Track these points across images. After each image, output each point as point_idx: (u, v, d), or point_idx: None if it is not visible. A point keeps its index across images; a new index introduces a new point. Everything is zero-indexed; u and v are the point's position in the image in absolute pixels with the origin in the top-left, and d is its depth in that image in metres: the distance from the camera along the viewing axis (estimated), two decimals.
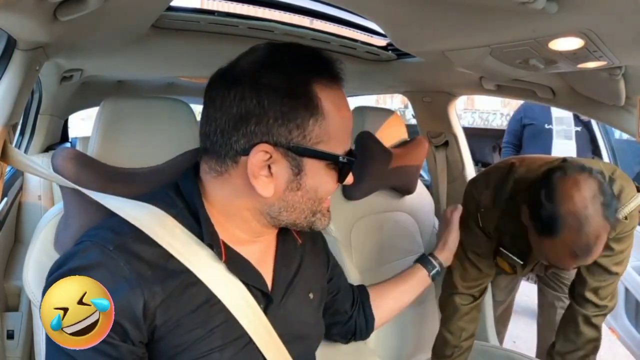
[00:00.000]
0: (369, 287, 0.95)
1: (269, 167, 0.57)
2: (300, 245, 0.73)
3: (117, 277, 0.54)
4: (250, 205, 0.61)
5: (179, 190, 0.63)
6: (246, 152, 0.56)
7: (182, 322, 0.57)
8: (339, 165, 0.61)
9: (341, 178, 0.62)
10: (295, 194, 0.59)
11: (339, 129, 0.59)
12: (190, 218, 0.61)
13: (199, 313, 0.58)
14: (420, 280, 1.01)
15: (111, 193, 0.67)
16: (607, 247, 0.98)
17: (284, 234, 0.70)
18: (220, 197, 0.62)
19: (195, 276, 0.58)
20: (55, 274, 0.55)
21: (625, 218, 0.98)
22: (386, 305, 0.95)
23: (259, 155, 0.56)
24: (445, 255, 1.04)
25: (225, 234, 0.62)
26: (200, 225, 0.60)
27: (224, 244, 0.61)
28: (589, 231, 0.82)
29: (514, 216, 1.00)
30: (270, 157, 0.56)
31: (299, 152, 0.57)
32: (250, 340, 0.61)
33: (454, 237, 1.05)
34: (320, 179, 0.60)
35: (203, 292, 0.59)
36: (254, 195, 0.59)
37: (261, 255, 0.67)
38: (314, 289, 0.73)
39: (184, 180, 0.64)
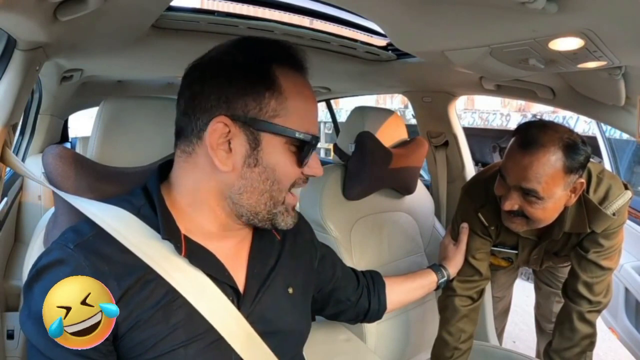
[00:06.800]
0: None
1: (229, 143, 0.58)
2: (279, 241, 0.73)
3: (78, 272, 0.55)
4: (214, 188, 0.61)
5: (146, 187, 0.65)
6: (206, 126, 0.58)
7: (143, 318, 0.57)
8: (297, 145, 0.60)
9: (300, 159, 0.61)
10: (252, 171, 0.59)
11: (300, 109, 0.60)
12: (153, 214, 0.61)
13: (159, 309, 0.58)
14: (429, 283, 1.09)
15: (100, 191, 0.68)
16: (596, 243, 1.05)
17: (260, 231, 0.70)
18: (190, 183, 0.62)
19: (154, 271, 0.58)
20: (27, 278, 0.57)
21: (614, 214, 1.01)
22: (395, 297, 0.99)
23: (216, 127, 0.58)
24: (453, 270, 1.14)
25: (191, 227, 0.62)
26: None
27: (186, 237, 0.61)
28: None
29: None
30: (229, 131, 0.58)
31: (255, 125, 0.58)
32: (220, 336, 0.60)
33: (462, 252, 1.15)
34: (277, 156, 0.60)
35: (162, 286, 0.58)
36: (216, 174, 0.60)
37: (233, 250, 0.67)
38: (294, 284, 0.73)
39: (150, 177, 0.66)
